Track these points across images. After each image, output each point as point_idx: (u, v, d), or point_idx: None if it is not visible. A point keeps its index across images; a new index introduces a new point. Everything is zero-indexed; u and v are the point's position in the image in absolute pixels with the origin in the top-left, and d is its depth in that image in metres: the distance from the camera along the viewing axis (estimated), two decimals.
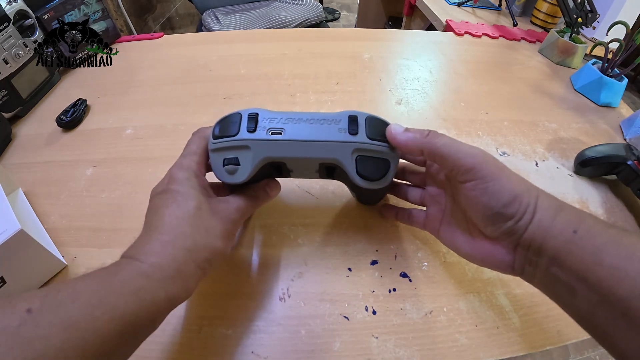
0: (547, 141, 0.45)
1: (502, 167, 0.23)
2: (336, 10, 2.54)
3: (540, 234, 0.21)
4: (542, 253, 0.21)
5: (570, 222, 0.20)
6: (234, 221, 0.25)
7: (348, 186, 0.33)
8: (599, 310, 0.18)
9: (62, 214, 0.35)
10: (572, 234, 0.20)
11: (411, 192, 0.31)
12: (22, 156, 0.42)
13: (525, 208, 0.21)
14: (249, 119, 0.26)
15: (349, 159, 0.25)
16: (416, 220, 0.30)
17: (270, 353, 0.26)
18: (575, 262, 0.19)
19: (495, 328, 0.28)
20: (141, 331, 0.19)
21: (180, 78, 0.54)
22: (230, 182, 0.26)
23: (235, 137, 0.25)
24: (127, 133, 0.44)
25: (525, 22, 0.79)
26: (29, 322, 0.16)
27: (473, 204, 0.23)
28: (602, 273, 0.18)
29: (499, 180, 0.22)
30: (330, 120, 0.26)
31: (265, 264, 0.31)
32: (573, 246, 0.19)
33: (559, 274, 0.20)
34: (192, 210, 0.22)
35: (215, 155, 0.26)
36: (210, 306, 0.29)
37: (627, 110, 0.53)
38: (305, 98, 0.50)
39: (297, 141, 0.25)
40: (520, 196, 0.21)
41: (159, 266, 0.20)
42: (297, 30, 0.72)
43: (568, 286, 0.20)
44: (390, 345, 0.27)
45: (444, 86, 0.54)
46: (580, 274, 0.19)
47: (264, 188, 0.28)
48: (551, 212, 0.21)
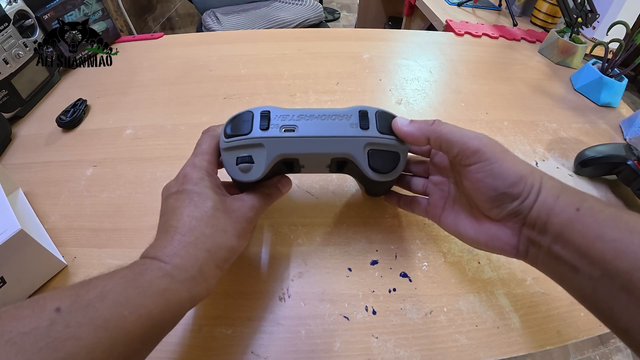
0: (547, 141, 0.45)
1: (507, 150, 0.24)
2: (336, 10, 2.54)
3: (545, 212, 0.21)
4: (546, 231, 0.21)
5: (573, 201, 0.21)
6: (249, 220, 0.25)
7: (356, 179, 0.34)
8: (601, 286, 0.19)
9: (62, 214, 0.35)
10: (574, 212, 0.20)
11: (414, 182, 0.32)
12: (22, 156, 0.42)
13: (530, 188, 0.22)
14: (262, 117, 0.26)
15: (362, 153, 0.26)
16: (418, 207, 0.31)
17: (270, 353, 0.26)
18: (577, 237, 0.20)
19: (495, 328, 0.28)
20: (164, 330, 0.20)
21: (180, 78, 0.54)
22: (245, 180, 0.26)
23: (248, 135, 0.25)
24: (127, 133, 0.44)
25: (525, 22, 0.79)
26: (58, 322, 0.16)
27: (478, 187, 0.24)
28: (603, 247, 0.19)
29: (504, 162, 0.23)
30: (341, 115, 0.26)
31: (265, 264, 0.31)
32: (576, 223, 0.20)
33: (561, 252, 0.21)
34: (210, 211, 0.23)
35: (228, 154, 0.26)
36: (210, 306, 0.29)
37: (627, 110, 0.53)
38: (305, 98, 0.50)
39: (311, 137, 0.25)
40: (525, 177, 0.22)
41: (183, 267, 0.20)
42: (297, 30, 0.72)
43: (570, 264, 0.20)
44: (390, 345, 0.27)
45: (444, 86, 0.54)
46: (582, 249, 0.19)
47: (276, 185, 0.29)
48: (555, 192, 0.22)
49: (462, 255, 0.32)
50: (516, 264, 0.32)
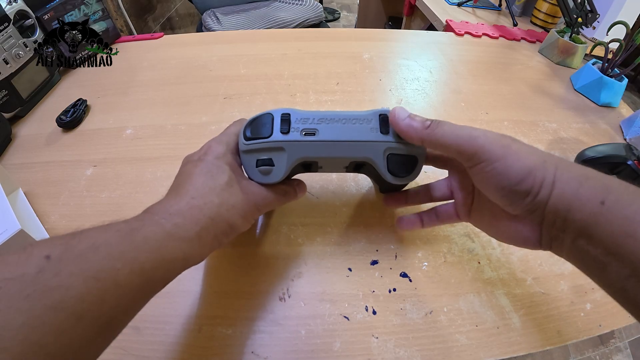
0: (547, 141, 0.45)
1: (508, 143, 0.22)
2: (336, 10, 2.54)
3: (563, 206, 0.20)
4: (567, 227, 0.20)
5: (596, 193, 0.19)
6: (258, 206, 0.25)
7: (372, 178, 0.34)
8: (631, 284, 0.18)
9: (62, 214, 0.35)
10: (599, 206, 0.18)
11: (437, 188, 0.30)
12: (22, 156, 0.42)
13: (540, 182, 0.20)
14: (282, 121, 0.26)
15: (381, 158, 0.26)
16: (446, 214, 0.29)
17: (270, 353, 0.26)
18: (604, 234, 0.18)
19: (496, 328, 0.28)
20: (155, 287, 0.20)
21: (180, 78, 0.54)
22: (264, 182, 0.26)
23: (268, 138, 0.25)
24: (127, 133, 0.44)
25: (525, 22, 0.79)
26: (48, 269, 0.15)
27: (485, 187, 0.23)
28: (634, 245, 0.17)
29: (505, 159, 0.21)
30: (362, 119, 0.26)
31: (265, 264, 0.31)
32: (601, 218, 0.18)
33: (587, 248, 0.19)
34: (223, 185, 0.23)
35: (248, 156, 0.26)
36: (210, 306, 0.29)
37: (627, 110, 0.53)
38: (305, 98, 0.50)
39: (332, 142, 0.26)
40: (533, 171, 0.20)
41: (182, 227, 0.20)
42: (297, 30, 0.72)
43: (597, 260, 0.19)
44: (391, 346, 0.27)
45: (444, 86, 0.54)
46: (610, 247, 0.18)
47: (294, 187, 0.29)
48: (574, 183, 0.20)
49: (462, 255, 0.32)
50: (516, 264, 0.32)
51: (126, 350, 0.26)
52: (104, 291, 0.16)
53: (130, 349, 0.26)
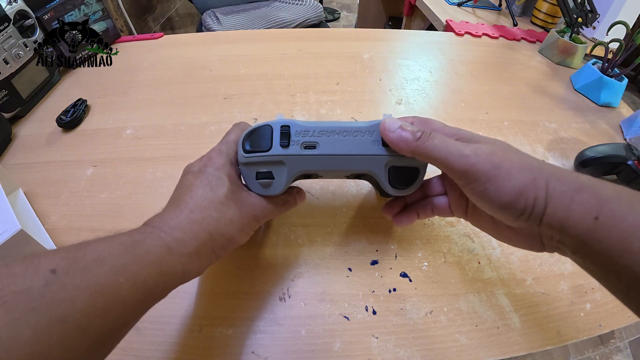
0: (547, 141, 0.45)
1: (499, 162, 0.21)
2: (336, 10, 2.54)
3: (558, 223, 0.19)
4: (564, 241, 0.20)
5: (590, 208, 0.18)
6: (256, 218, 0.25)
7: (372, 184, 0.34)
8: (632, 293, 0.18)
9: (62, 214, 0.35)
10: (593, 221, 0.18)
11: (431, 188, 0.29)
12: (22, 156, 0.42)
13: (532, 202, 0.20)
14: (282, 134, 0.25)
15: (382, 171, 0.26)
16: (441, 208, 0.28)
17: (270, 353, 0.26)
18: (601, 249, 0.18)
19: (496, 328, 0.28)
20: (154, 299, 0.20)
21: (180, 78, 0.54)
22: (264, 194, 0.26)
23: (268, 152, 0.25)
24: (127, 133, 0.44)
25: (525, 22, 0.79)
26: (54, 283, 0.16)
27: (479, 204, 0.23)
28: (631, 260, 0.17)
29: (496, 180, 0.21)
30: (363, 131, 0.26)
31: (265, 264, 0.31)
32: (596, 234, 0.18)
33: (585, 262, 0.20)
34: (222, 198, 0.23)
35: (247, 169, 0.26)
36: (211, 306, 0.29)
37: (627, 110, 0.53)
38: (305, 98, 0.50)
39: (332, 155, 0.25)
40: (525, 191, 0.20)
41: (182, 242, 0.21)
42: (297, 30, 0.72)
43: (596, 272, 0.19)
44: (391, 346, 0.27)
45: (444, 86, 0.54)
46: (607, 262, 0.18)
47: (294, 195, 0.29)
48: (566, 199, 0.19)
49: (462, 255, 0.32)
50: (516, 264, 0.32)
51: (126, 350, 0.26)
52: (108, 305, 0.17)
53: (130, 349, 0.26)
